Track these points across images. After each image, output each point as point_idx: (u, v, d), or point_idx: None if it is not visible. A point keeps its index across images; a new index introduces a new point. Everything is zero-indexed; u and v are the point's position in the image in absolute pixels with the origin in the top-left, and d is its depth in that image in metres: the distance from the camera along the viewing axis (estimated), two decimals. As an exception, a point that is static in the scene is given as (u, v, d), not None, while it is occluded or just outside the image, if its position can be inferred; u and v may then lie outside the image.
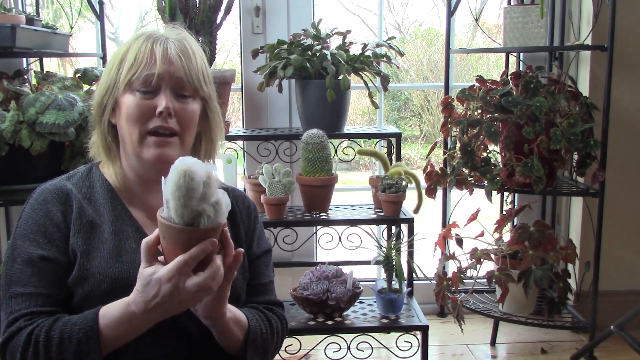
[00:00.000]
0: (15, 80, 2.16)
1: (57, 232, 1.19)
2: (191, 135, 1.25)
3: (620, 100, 2.46)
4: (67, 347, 1.09)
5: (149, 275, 1.04)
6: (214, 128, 1.30)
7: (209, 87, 1.27)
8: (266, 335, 1.28)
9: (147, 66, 1.19)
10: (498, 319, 2.39)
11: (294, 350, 2.11)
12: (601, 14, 2.31)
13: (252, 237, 1.38)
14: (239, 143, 2.48)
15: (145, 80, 1.19)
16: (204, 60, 1.27)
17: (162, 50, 1.19)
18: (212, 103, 1.28)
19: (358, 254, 2.39)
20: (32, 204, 1.22)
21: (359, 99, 6.12)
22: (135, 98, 1.19)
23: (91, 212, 1.22)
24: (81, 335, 1.09)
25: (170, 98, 1.20)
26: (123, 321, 1.09)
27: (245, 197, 1.42)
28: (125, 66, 1.20)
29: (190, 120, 1.23)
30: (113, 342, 1.11)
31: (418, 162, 6.28)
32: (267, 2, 2.56)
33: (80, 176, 1.28)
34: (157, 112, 1.19)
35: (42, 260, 1.16)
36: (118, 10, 6.08)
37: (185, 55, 1.21)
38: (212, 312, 1.14)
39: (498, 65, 6.27)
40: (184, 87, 1.22)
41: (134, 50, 1.20)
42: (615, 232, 2.52)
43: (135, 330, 1.10)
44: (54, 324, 1.11)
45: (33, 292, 1.15)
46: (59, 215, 1.20)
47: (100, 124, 1.26)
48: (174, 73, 1.20)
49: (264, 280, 1.38)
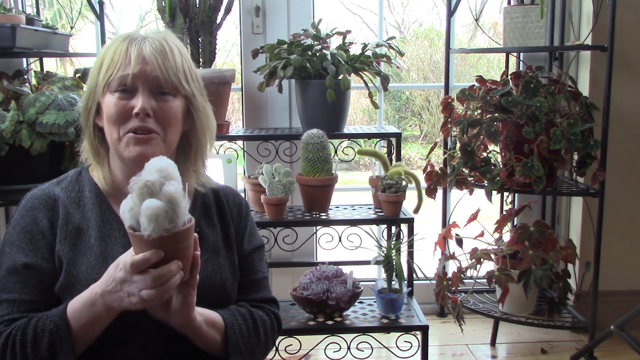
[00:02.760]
0: (15, 80, 2.16)
1: (42, 240, 1.20)
2: (173, 133, 1.23)
3: (620, 100, 2.46)
4: (40, 341, 1.10)
5: (119, 259, 1.07)
6: (200, 127, 1.28)
7: (192, 85, 1.25)
8: (249, 334, 1.27)
9: (122, 67, 1.19)
10: (498, 319, 2.39)
11: (294, 350, 2.11)
12: (601, 14, 2.31)
13: (242, 234, 1.37)
14: (239, 143, 2.48)
15: (121, 81, 1.19)
16: (185, 58, 1.26)
17: (136, 50, 1.19)
18: (196, 101, 1.26)
19: (358, 254, 2.39)
20: (21, 210, 1.24)
21: (359, 99, 6.12)
22: (113, 98, 1.20)
23: (78, 218, 1.23)
24: (52, 326, 1.10)
25: (148, 98, 1.19)
26: (88, 303, 1.10)
27: (236, 195, 1.41)
28: (103, 68, 1.21)
29: (171, 119, 1.22)
30: (82, 330, 1.11)
31: (418, 162, 6.28)
32: (267, 2, 2.56)
33: (69, 180, 1.28)
34: (134, 112, 1.18)
35: (26, 268, 1.17)
36: (118, 10, 6.07)
37: (161, 54, 1.20)
38: (183, 320, 1.14)
39: (498, 65, 6.27)
40: (162, 85, 1.21)
41: (110, 52, 1.21)
42: (615, 232, 2.52)
43: (99, 318, 1.10)
44: (29, 321, 1.12)
45: (16, 298, 1.16)
46: (45, 222, 1.21)
47: (87, 127, 1.26)
48: (150, 72, 1.19)
49: (257, 276, 1.38)
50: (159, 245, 1.02)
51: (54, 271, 1.18)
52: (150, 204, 0.99)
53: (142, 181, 1.00)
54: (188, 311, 1.13)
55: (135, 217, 1.01)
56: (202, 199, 1.34)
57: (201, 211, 1.32)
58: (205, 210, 1.33)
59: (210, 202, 1.35)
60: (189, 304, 1.12)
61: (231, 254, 1.33)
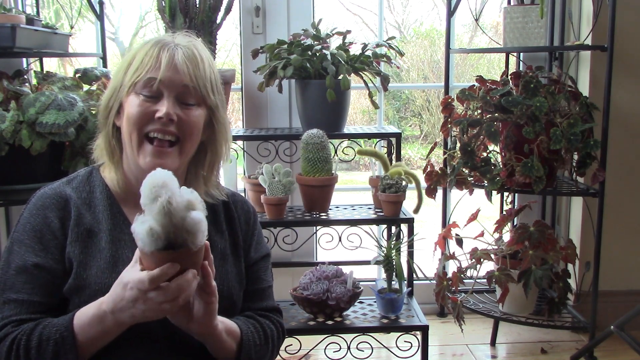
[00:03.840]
0: (15, 80, 2.16)
1: (53, 240, 1.19)
2: (192, 143, 1.23)
3: (620, 100, 2.46)
4: (45, 349, 1.09)
5: (123, 276, 1.05)
6: (219, 139, 1.27)
7: (216, 97, 1.24)
8: (260, 343, 1.27)
9: (152, 70, 1.18)
10: (498, 319, 2.39)
11: (294, 350, 2.11)
12: (601, 14, 2.31)
13: (250, 242, 1.37)
14: (239, 143, 2.48)
15: (147, 83, 1.18)
16: (213, 69, 1.25)
17: (168, 56, 1.18)
18: (219, 113, 1.25)
19: (358, 254, 2.39)
20: (31, 208, 1.22)
21: (359, 99, 6.12)
22: (137, 99, 1.19)
23: (89, 219, 1.22)
24: (57, 336, 1.09)
25: (173, 105, 1.18)
26: (96, 321, 1.09)
27: (245, 202, 1.41)
28: (131, 69, 1.20)
29: (193, 128, 1.21)
30: (88, 342, 1.10)
31: (418, 162, 6.28)
32: (267, 2, 2.56)
33: (80, 180, 1.27)
34: (157, 116, 1.17)
35: (36, 268, 1.16)
36: (118, 10, 6.07)
37: (192, 63, 1.20)
38: (205, 328, 1.13)
39: (498, 65, 6.27)
40: (190, 94, 1.20)
41: (141, 54, 1.20)
42: (615, 232, 2.52)
43: (108, 333, 1.09)
44: (35, 327, 1.11)
45: (25, 299, 1.15)
46: (56, 222, 1.19)
47: (106, 126, 1.25)
48: (180, 81, 1.19)
49: (263, 285, 1.38)
50: (175, 259, 1.00)
51: (64, 272, 1.17)
52: (197, 215, 0.99)
53: (165, 200, 0.97)
54: (211, 319, 1.12)
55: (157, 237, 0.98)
56: (211, 206, 1.33)
57: (210, 218, 1.31)
58: (213, 218, 1.32)
59: (219, 210, 1.34)
60: (211, 311, 1.12)
61: (238, 262, 1.33)
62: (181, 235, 0.99)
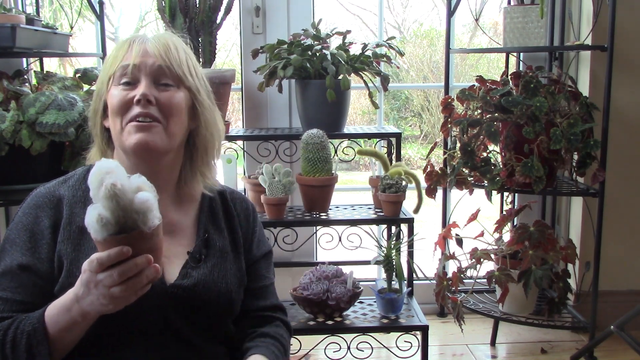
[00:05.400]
0: (15, 80, 2.16)
1: (42, 239, 1.19)
2: (176, 123, 1.21)
3: (620, 100, 2.46)
4: (19, 343, 1.09)
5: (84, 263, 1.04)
6: (205, 123, 1.26)
7: (196, 80, 1.25)
8: (281, 356, 1.28)
9: (125, 60, 1.21)
10: (498, 319, 2.39)
11: (294, 350, 2.11)
12: (601, 14, 2.31)
13: (251, 239, 1.37)
14: (239, 143, 2.48)
15: (122, 70, 1.20)
16: (189, 55, 1.27)
17: (139, 45, 1.21)
18: (201, 97, 1.25)
19: (358, 254, 2.39)
20: (24, 208, 1.23)
21: (359, 99, 6.12)
22: (117, 90, 1.20)
23: (82, 218, 1.21)
24: (30, 329, 1.09)
25: (149, 86, 1.19)
26: (64, 310, 1.08)
27: (244, 199, 1.41)
28: (106, 66, 1.24)
29: (173, 108, 1.20)
30: (59, 335, 1.09)
31: (418, 162, 6.28)
32: (267, 2, 2.56)
33: (76, 179, 1.27)
34: (135, 99, 1.18)
35: (21, 269, 1.16)
36: (118, 10, 6.08)
37: (163, 47, 1.22)
38: None
39: (498, 65, 6.27)
40: (165, 75, 1.21)
41: (114, 50, 1.24)
42: (615, 232, 2.52)
43: (75, 323, 1.08)
44: (12, 323, 1.11)
45: (8, 297, 1.15)
46: (47, 221, 1.20)
47: (94, 128, 1.27)
48: (153, 62, 1.20)
49: (265, 282, 1.38)
50: (126, 241, 0.99)
51: (51, 273, 1.17)
52: (145, 195, 0.98)
53: (108, 184, 0.96)
54: None
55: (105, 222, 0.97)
56: (209, 203, 1.33)
57: (208, 216, 1.32)
58: (212, 215, 1.32)
59: (218, 207, 1.34)
60: None
61: (238, 259, 1.33)
62: (131, 217, 0.98)
